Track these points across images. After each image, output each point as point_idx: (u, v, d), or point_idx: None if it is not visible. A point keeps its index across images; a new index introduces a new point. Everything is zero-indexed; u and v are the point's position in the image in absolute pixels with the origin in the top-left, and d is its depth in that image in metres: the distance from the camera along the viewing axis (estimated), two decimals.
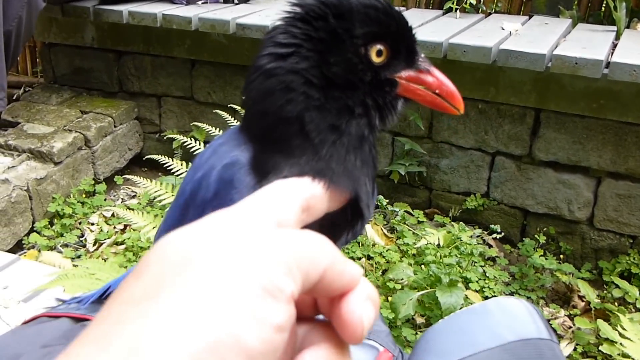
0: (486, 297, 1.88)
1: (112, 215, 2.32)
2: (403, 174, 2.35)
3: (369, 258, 2.10)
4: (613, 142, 2.06)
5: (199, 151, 1.79)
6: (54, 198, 2.27)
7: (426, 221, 2.35)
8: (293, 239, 0.29)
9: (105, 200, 2.45)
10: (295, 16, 0.47)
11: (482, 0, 2.64)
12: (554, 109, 2.11)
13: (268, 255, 0.27)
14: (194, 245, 0.28)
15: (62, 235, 2.20)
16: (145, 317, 0.25)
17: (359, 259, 2.09)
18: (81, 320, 0.68)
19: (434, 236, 1.97)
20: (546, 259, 2.12)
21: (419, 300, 1.74)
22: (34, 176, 2.20)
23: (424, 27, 2.30)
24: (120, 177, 2.60)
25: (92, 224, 2.29)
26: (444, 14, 2.55)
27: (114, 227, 2.27)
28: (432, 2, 2.82)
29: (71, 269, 1.45)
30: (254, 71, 0.47)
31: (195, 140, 1.96)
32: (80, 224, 2.29)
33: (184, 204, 0.52)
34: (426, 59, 0.50)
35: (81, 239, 2.22)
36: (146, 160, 2.38)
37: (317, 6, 0.46)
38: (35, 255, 2.04)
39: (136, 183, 1.83)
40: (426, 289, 1.76)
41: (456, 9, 2.49)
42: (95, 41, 2.77)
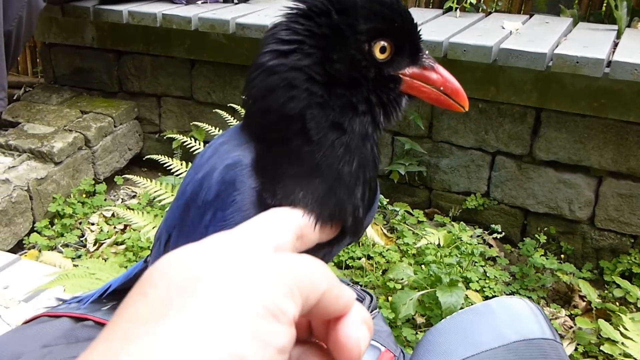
0: (487, 297, 1.87)
1: (112, 215, 2.31)
2: (403, 173, 2.35)
3: (369, 258, 2.09)
4: (614, 142, 2.05)
5: (198, 151, 1.78)
6: (54, 198, 2.27)
7: (426, 221, 2.34)
8: (293, 262, 0.30)
9: (105, 200, 2.45)
10: (298, 12, 0.46)
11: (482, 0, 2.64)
12: (554, 108, 2.11)
13: (270, 278, 0.28)
14: (198, 266, 0.28)
15: (62, 235, 2.20)
16: (153, 335, 0.25)
17: (359, 258, 2.09)
18: (81, 320, 0.67)
19: (434, 236, 1.97)
20: (547, 258, 2.12)
21: (419, 300, 1.74)
22: (34, 176, 2.19)
23: (424, 26, 2.29)
24: (120, 177, 2.60)
25: (93, 224, 2.29)
26: (444, 13, 2.55)
27: (114, 227, 2.27)
28: (432, 1, 2.81)
29: (71, 269, 1.45)
30: (255, 68, 0.46)
31: (195, 140, 1.96)
32: (80, 224, 2.28)
33: (184, 204, 0.51)
34: (430, 55, 0.49)
35: (81, 239, 2.22)
36: (146, 160, 2.38)
37: (320, 2, 0.45)
38: (36, 255, 2.04)
39: (136, 183, 1.82)
40: (426, 288, 1.76)
41: (456, 8, 2.49)
42: (95, 41, 2.77)
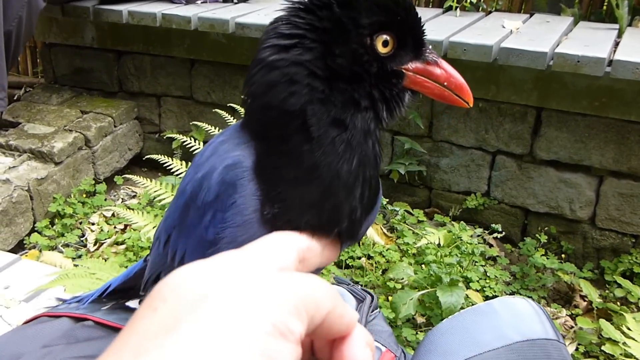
0: (487, 297, 1.87)
1: (113, 215, 2.31)
2: (403, 173, 2.34)
3: (369, 257, 2.09)
4: (615, 141, 2.05)
5: (198, 151, 1.78)
6: (54, 198, 2.27)
7: (426, 220, 2.34)
8: (300, 281, 0.30)
9: (105, 200, 2.44)
10: (299, 6, 0.45)
11: None
12: (555, 107, 2.10)
13: (278, 296, 0.29)
14: (208, 283, 0.29)
15: (62, 235, 2.20)
16: (163, 349, 0.26)
17: (359, 258, 2.09)
18: (81, 320, 0.67)
19: (434, 235, 1.97)
20: (547, 258, 2.11)
21: (419, 300, 1.74)
22: (34, 176, 2.19)
23: (424, 25, 2.29)
24: (120, 177, 2.60)
25: (93, 223, 2.29)
26: (444, 12, 2.55)
27: (115, 227, 2.27)
28: (432, 0, 2.81)
29: (72, 269, 1.45)
30: (255, 64, 0.45)
31: (195, 140, 1.95)
32: (80, 223, 2.28)
33: (184, 204, 0.51)
34: (433, 50, 0.48)
35: (82, 238, 2.22)
36: (146, 160, 2.37)
37: None
38: (37, 255, 2.03)
39: (136, 183, 1.82)
40: (427, 288, 1.75)
41: (456, 7, 2.49)
42: (95, 41, 2.77)
